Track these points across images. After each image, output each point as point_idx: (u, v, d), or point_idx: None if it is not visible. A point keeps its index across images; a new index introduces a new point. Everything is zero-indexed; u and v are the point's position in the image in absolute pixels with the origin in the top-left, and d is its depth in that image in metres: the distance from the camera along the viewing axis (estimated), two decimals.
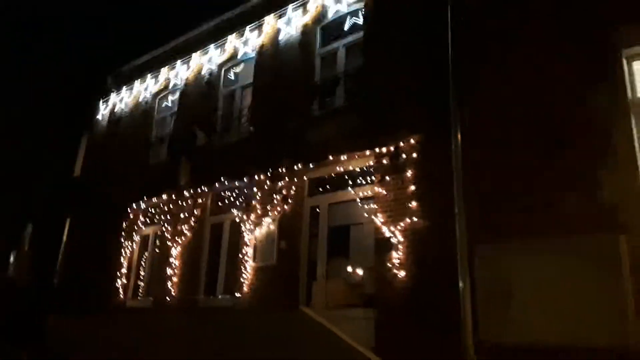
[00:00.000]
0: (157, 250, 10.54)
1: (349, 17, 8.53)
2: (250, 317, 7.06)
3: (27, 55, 16.75)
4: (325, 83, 8.37)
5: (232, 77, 10.65)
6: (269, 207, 8.22)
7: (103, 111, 13.73)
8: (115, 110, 13.25)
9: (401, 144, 6.67)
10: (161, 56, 12.39)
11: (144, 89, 12.50)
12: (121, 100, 13.13)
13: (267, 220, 8.20)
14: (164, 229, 10.18)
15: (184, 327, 6.89)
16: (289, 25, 9.12)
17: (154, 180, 10.82)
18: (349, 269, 7.21)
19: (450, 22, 6.37)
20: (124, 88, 13.13)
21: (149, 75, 12.40)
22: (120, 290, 10.76)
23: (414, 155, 6.51)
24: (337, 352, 5.56)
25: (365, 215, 7.04)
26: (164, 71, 11.95)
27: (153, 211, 10.92)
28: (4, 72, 16.29)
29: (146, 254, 10.86)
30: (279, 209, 8.08)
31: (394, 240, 6.37)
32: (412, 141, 6.56)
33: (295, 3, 9.13)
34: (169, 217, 10.17)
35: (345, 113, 7.71)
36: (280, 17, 9.38)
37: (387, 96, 7.06)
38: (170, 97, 12.18)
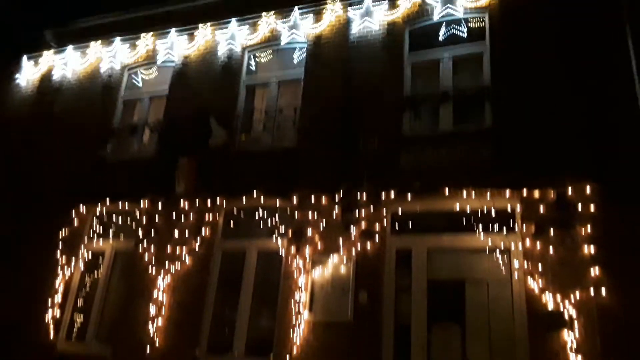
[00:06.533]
0: (120, 276, 7.64)
1: (444, 26, 7.08)
2: None
3: None
4: (419, 98, 6.73)
5: (254, 67, 8.41)
6: (340, 242, 6.18)
7: (30, 75, 10.13)
8: (53, 76, 9.83)
9: (569, 191, 5.32)
10: (141, 18, 9.53)
11: (109, 55, 9.43)
12: (65, 63, 9.79)
13: (334, 259, 6.13)
14: (141, 248, 7.34)
15: None
16: (367, 18, 7.33)
17: (125, 179, 7.97)
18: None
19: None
20: (71, 47, 9.82)
21: (118, 39, 9.42)
22: (51, 328, 7.50)
23: (592, 209, 5.19)
24: None
25: (502, 272, 5.46)
26: (147, 38, 9.14)
27: (119, 220, 7.95)
28: None
29: (93, 277, 7.81)
30: (358, 246, 6.08)
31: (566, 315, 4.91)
32: (587, 190, 5.25)
33: None
34: (152, 234, 7.38)
35: (465, 139, 6.15)
36: (351, 5, 7.56)
37: (541, 126, 5.71)
38: (142, 74, 9.37)
